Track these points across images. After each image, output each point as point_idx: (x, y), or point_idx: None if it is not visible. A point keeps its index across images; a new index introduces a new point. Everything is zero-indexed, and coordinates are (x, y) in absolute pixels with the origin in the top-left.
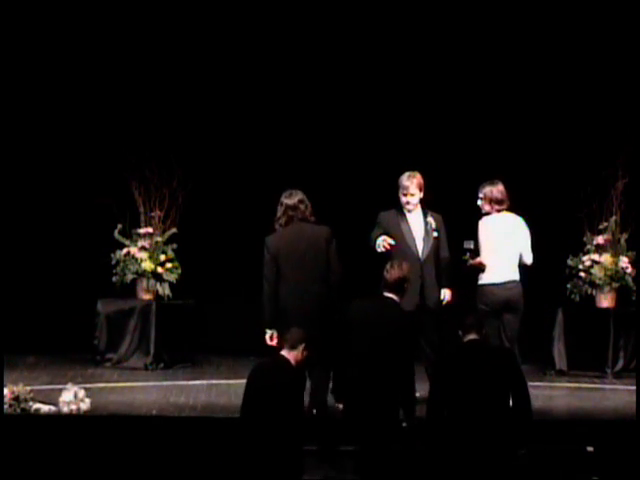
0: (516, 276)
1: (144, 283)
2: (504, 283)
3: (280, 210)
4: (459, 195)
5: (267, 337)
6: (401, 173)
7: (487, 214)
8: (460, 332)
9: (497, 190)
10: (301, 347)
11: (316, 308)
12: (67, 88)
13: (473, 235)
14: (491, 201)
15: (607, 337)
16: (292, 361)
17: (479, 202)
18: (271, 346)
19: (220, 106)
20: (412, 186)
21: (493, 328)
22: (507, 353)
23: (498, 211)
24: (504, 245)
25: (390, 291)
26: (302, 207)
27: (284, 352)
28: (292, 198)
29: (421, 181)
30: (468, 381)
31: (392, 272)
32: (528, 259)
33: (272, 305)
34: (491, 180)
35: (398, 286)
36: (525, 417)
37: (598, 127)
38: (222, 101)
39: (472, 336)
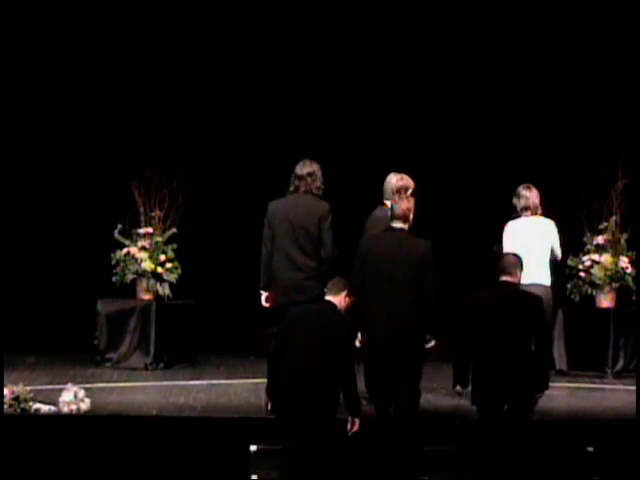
0: (542, 279)
1: (144, 283)
2: (526, 286)
3: (291, 178)
4: (456, 195)
5: (262, 299)
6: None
7: (516, 217)
8: (497, 272)
9: (524, 195)
10: (343, 294)
11: (302, 279)
12: (67, 89)
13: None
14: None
15: (607, 337)
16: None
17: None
18: (266, 307)
19: (220, 106)
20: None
21: None
22: (535, 300)
23: (526, 215)
24: (528, 249)
25: (399, 221)
26: (309, 179)
27: (328, 297)
28: (303, 169)
29: None
30: (494, 319)
31: (401, 203)
32: (558, 255)
33: (266, 269)
34: (526, 185)
35: (406, 217)
36: (544, 363)
37: (598, 127)
38: (222, 101)
39: (506, 277)
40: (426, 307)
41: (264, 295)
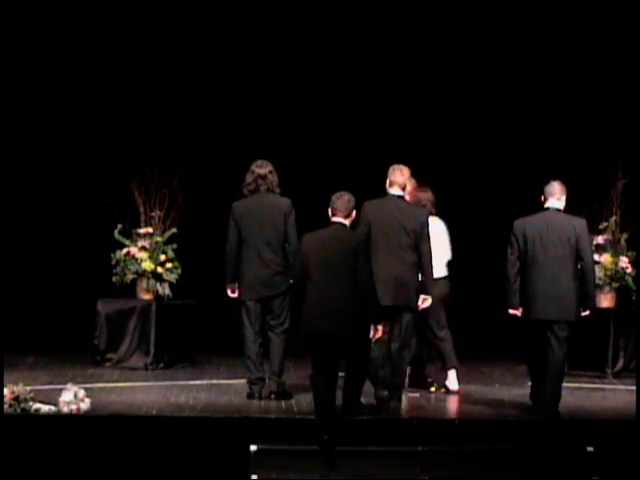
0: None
1: (144, 283)
2: None
3: (250, 177)
4: (453, 194)
5: (229, 291)
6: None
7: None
8: (542, 198)
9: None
10: (353, 213)
11: (272, 275)
12: (68, 89)
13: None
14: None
15: (607, 337)
16: (348, 225)
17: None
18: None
19: (220, 107)
20: None
21: None
22: (578, 222)
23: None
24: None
25: (398, 189)
26: (271, 177)
27: (338, 219)
28: (263, 168)
29: None
30: (540, 240)
31: (398, 175)
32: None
33: (232, 265)
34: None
35: (404, 185)
36: (588, 281)
37: (598, 127)
38: (222, 102)
39: (552, 201)
40: (424, 270)
41: (230, 287)
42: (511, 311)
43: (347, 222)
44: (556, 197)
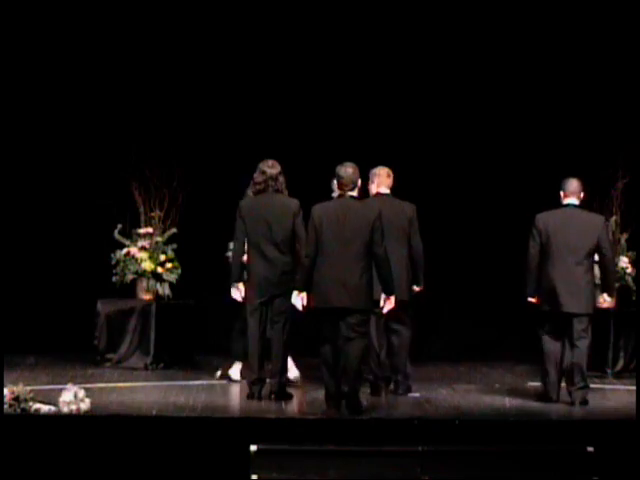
0: None
1: (144, 283)
2: None
3: (260, 177)
4: (454, 195)
5: (233, 291)
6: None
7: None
8: (561, 193)
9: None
10: (359, 182)
11: (279, 273)
12: (68, 89)
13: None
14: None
15: (607, 337)
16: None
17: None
18: (236, 300)
19: (220, 107)
20: None
21: None
22: (598, 219)
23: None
24: None
25: (386, 188)
26: (280, 179)
27: (346, 192)
28: (274, 169)
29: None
30: (560, 236)
31: (387, 177)
32: None
33: (238, 264)
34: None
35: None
36: (610, 272)
37: (598, 127)
38: (222, 102)
39: (571, 198)
40: (416, 261)
41: (235, 287)
42: (529, 299)
43: (354, 193)
44: (575, 195)
